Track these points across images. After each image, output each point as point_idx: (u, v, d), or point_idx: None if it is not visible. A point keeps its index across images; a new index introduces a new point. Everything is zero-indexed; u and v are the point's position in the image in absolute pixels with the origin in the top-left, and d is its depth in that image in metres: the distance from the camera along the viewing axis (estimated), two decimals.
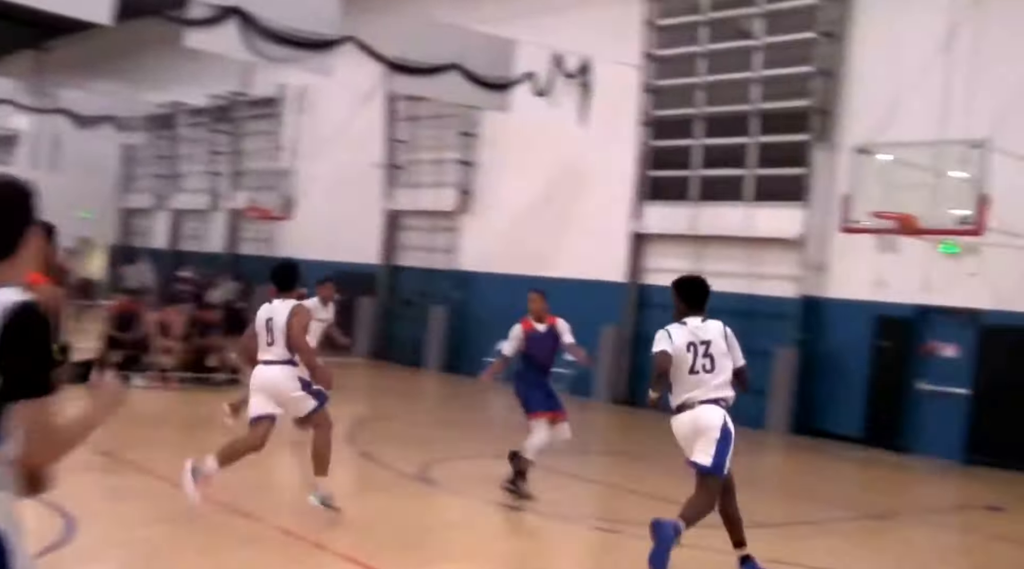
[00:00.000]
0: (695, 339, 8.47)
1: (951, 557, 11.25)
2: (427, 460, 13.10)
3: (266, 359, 9.35)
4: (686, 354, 8.40)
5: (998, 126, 15.15)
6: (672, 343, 8.41)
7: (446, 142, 27.90)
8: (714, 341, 8.52)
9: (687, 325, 8.57)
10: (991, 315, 17.91)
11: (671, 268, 22.48)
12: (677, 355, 8.39)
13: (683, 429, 8.44)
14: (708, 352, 8.45)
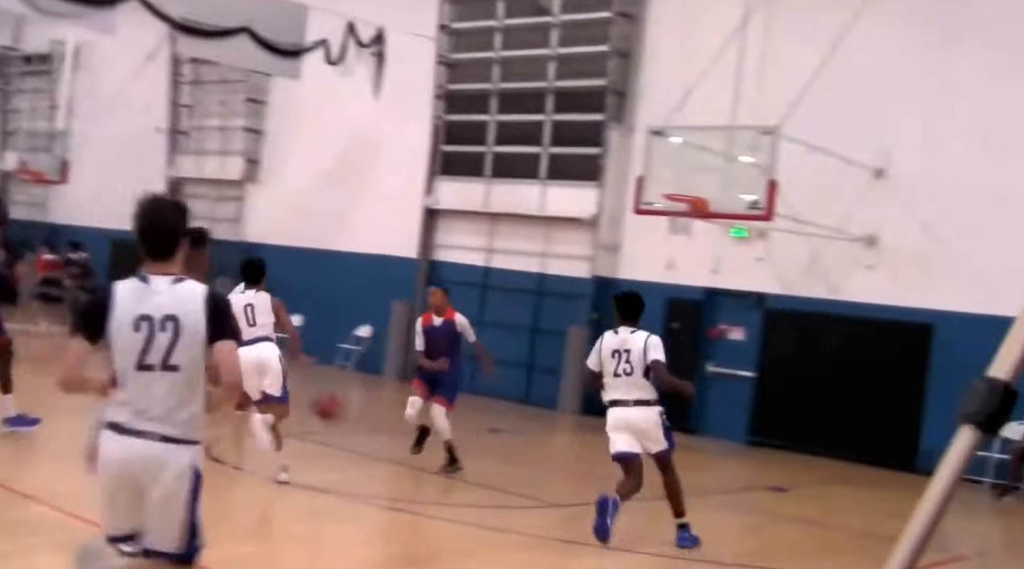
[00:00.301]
0: (620, 347, 9.79)
1: (737, 537, 11.40)
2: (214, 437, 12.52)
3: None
4: (611, 359, 9.79)
5: (788, 114, 15.41)
6: (599, 352, 9.94)
7: (233, 108, 27.06)
8: (634, 350, 9.77)
9: (619, 334, 9.92)
10: (777, 299, 18.35)
11: (463, 244, 22.39)
12: (604, 360, 9.86)
13: (623, 422, 9.77)
14: (629, 359, 9.74)
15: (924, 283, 16.96)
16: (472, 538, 9.47)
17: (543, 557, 9.21)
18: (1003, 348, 1.79)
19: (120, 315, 4.79)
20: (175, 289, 4.85)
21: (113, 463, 4.78)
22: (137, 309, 4.79)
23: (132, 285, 4.87)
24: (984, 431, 1.78)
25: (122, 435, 4.76)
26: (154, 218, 4.96)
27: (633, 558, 9.35)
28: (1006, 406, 1.79)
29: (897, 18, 17.48)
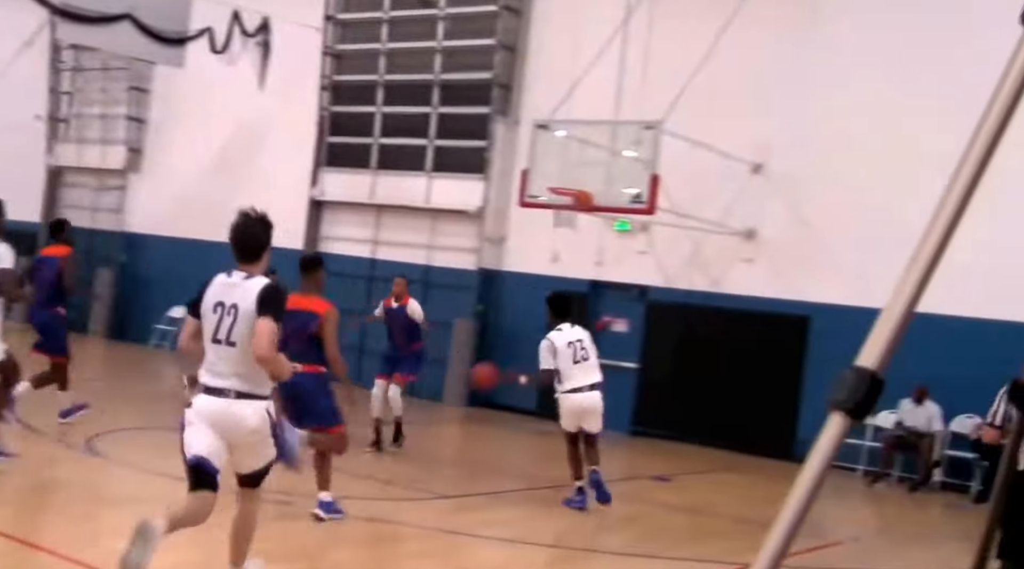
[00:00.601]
0: (572, 339, 11.22)
1: (620, 525, 11.56)
2: (93, 431, 12.35)
3: None
4: (568, 349, 11.12)
5: (669, 109, 15.68)
6: (555, 349, 11.11)
7: (116, 97, 26.55)
8: (583, 338, 11.33)
9: (563, 331, 11.27)
10: (659, 292, 18.68)
11: (349, 236, 22.34)
12: (561, 353, 11.11)
13: (579, 407, 11.19)
14: (583, 347, 11.25)
15: (801, 276, 17.43)
16: (361, 531, 9.49)
17: (433, 549, 9.28)
18: (870, 338, 1.91)
19: (207, 301, 6.41)
20: (245, 283, 6.35)
21: (199, 410, 6.32)
22: (217, 297, 6.37)
23: (221, 279, 6.47)
24: (852, 418, 1.89)
25: (205, 392, 6.34)
26: (243, 231, 6.60)
27: (521, 549, 9.48)
28: (873, 394, 1.89)
29: (772, 17, 17.89)
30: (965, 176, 1.98)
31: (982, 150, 1.99)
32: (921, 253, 1.95)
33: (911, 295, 1.94)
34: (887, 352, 1.90)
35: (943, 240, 1.96)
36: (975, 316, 15.26)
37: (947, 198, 1.97)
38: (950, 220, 1.97)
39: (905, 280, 1.94)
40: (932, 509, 14.77)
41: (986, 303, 15.16)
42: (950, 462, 15.91)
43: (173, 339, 24.25)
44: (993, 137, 1.99)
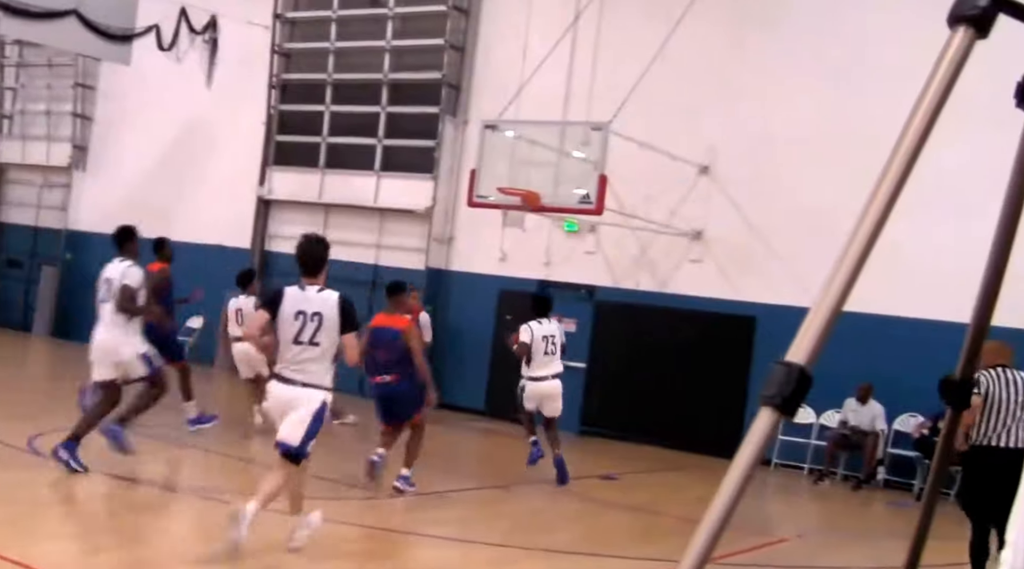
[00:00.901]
0: (547, 333, 13.03)
1: (567, 523, 11.62)
2: (35, 431, 12.21)
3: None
4: (541, 343, 12.94)
5: (617, 110, 15.76)
6: (532, 335, 12.94)
7: (61, 93, 26.26)
8: (556, 334, 13.15)
9: (542, 324, 13.10)
10: (607, 292, 18.76)
11: (297, 235, 22.12)
12: (535, 343, 12.92)
13: (540, 393, 13.03)
14: (554, 342, 13.05)
15: (747, 277, 17.57)
16: None
17: (378, 549, 9.27)
18: (800, 334, 1.93)
19: (287, 309, 7.85)
20: (321, 295, 7.93)
21: (277, 396, 7.95)
22: (297, 306, 7.85)
23: (294, 290, 7.94)
24: (782, 413, 1.90)
25: (281, 382, 7.90)
26: (306, 251, 8.08)
27: (469, 548, 9.49)
28: (802, 389, 1.89)
29: (719, 20, 18.04)
30: (893, 174, 2.02)
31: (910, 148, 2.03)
32: (849, 250, 1.98)
33: (839, 292, 1.96)
34: (816, 348, 1.92)
35: (871, 237, 1.98)
36: (918, 316, 15.45)
37: (874, 196, 2.01)
38: (877, 218, 2.00)
39: (834, 277, 1.97)
40: (875, 506, 14.95)
41: (930, 304, 15.35)
42: (893, 460, 16.11)
43: None
44: (920, 137, 2.02)
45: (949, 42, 2.02)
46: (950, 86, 2.01)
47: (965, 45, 2.02)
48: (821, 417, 16.60)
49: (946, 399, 2.80)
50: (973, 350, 2.79)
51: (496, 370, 19.02)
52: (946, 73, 2.01)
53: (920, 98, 2.02)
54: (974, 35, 2.02)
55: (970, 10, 2.02)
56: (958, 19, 2.03)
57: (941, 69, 2.02)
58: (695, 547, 1.86)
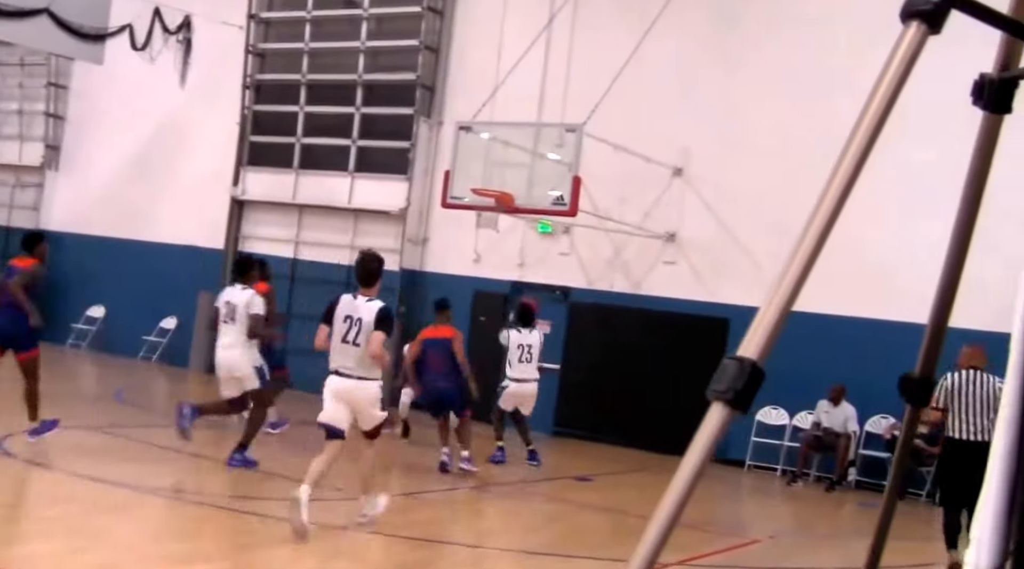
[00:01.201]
0: (523, 341, 14.63)
1: (541, 524, 11.63)
2: (7, 431, 12.14)
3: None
4: (517, 350, 14.55)
5: (592, 112, 15.80)
6: (509, 343, 14.65)
7: (33, 93, 26.10)
8: (534, 344, 14.72)
9: (521, 333, 14.71)
10: (580, 293, 18.79)
11: (271, 236, 22.19)
12: (512, 349, 14.57)
13: (519, 394, 14.69)
14: (530, 351, 14.59)
15: (720, 279, 17.64)
16: (276, 531, 9.44)
17: (349, 548, 9.26)
18: (751, 329, 1.93)
19: (338, 313, 9.34)
20: (367, 304, 9.34)
21: (332, 389, 9.34)
22: (346, 311, 9.32)
23: (348, 299, 9.42)
24: (733, 408, 1.90)
25: (335, 375, 9.34)
26: (362, 265, 9.63)
27: (443, 549, 9.50)
28: (753, 384, 1.89)
29: (693, 23, 18.11)
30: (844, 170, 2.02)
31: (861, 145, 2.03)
32: (801, 247, 1.98)
33: (790, 288, 1.96)
34: (768, 343, 1.92)
35: (822, 234, 1.98)
36: (890, 319, 15.53)
37: (826, 192, 2.01)
38: (829, 214, 2.00)
39: (785, 273, 1.97)
40: (847, 507, 15.02)
41: (902, 306, 15.43)
42: (865, 462, 16.21)
43: (92, 339, 23.96)
44: (872, 133, 2.03)
45: (901, 37, 2.02)
46: (902, 82, 2.01)
47: (917, 41, 2.03)
48: (794, 418, 16.68)
49: (905, 396, 2.83)
50: (932, 348, 2.80)
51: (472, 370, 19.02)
52: (898, 69, 2.02)
53: (872, 94, 2.02)
54: (927, 31, 2.02)
55: (923, 5, 2.02)
56: (911, 14, 2.03)
57: (893, 65, 2.02)
58: (645, 545, 1.85)
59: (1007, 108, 2.40)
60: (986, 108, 2.41)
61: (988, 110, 2.41)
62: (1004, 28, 2.29)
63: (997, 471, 2.51)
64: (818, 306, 16.75)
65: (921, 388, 2.82)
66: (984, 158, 2.51)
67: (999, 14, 2.21)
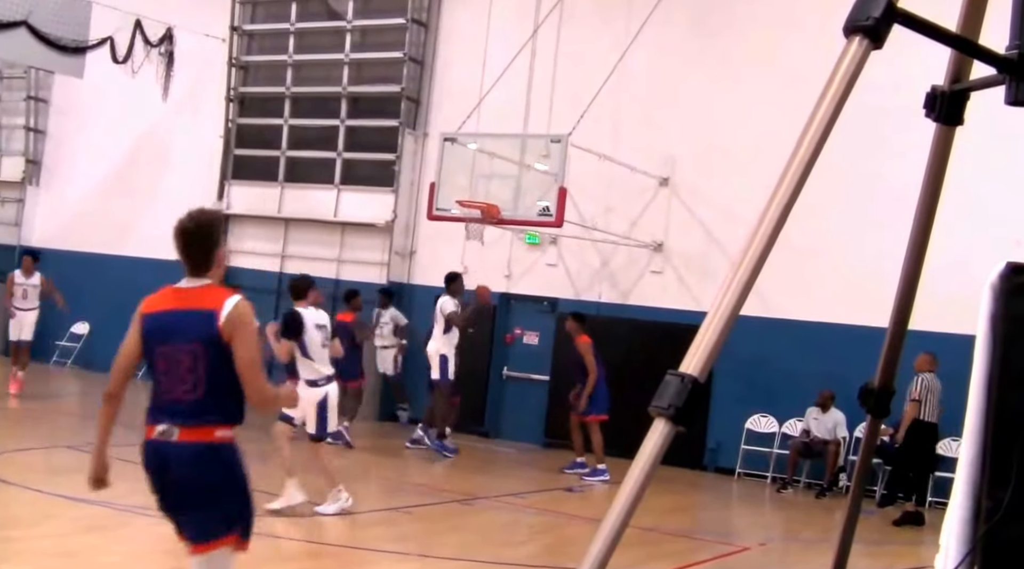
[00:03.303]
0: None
1: (530, 536, 11.62)
2: None
3: None
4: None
5: (577, 123, 15.78)
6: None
7: (12, 106, 25.96)
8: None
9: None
10: (568, 303, 18.73)
11: (257, 250, 22.08)
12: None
13: None
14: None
15: (707, 287, 17.57)
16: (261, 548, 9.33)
17: (334, 565, 9.19)
18: (693, 345, 1.91)
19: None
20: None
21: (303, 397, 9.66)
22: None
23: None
24: (675, 424, 1.89)
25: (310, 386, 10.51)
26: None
27: (430, 563, 9.42)
28: (694, 400, 1.90)
29: (677, 32, 18.11)
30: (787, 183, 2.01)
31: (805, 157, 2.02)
32: (741, 264, 1.95)
33: (732, 304, 1.96)
34: (709, 359, 1.92)
35: (765, 248, 1.97)
36: (877, 325, 15.48)
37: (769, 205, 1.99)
38: (772, 228, 1.99)
39: (726, 290, 1.95)
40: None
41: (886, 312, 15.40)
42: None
43: (77, 356, 23.82)
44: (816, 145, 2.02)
45: (844, 51, 2.03)
46: (846, 95, 2.01)
47: (860, 55, 2.02)
48: (783, 426, 16.63)
49: (866, 407, 2.85)
50: (890, 357, 2.83)
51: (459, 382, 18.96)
52: (841, 82, 2.04)
53: (816, 107, 2.01)
54: (869, 45, 2.03)
55: (864, 21, 2.02)
56: (853, 29, 2.04)
57: (836, 78, 2.04)
58: (592, 555, 1.86)
59: (959, 120, 2.43)
60: (938, 120, 2.45)
61: (940, 122, 2.45)
62: (948, 43, 2.31)
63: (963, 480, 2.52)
64: (804, 314, 16.76)
65: (881, 399, 2.85)
66: (938, 168, 2.56)
67: (943, 30, 2.20)
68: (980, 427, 2.51)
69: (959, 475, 2.59)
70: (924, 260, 2.55)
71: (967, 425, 2.59)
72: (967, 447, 2.56)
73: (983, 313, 2.47)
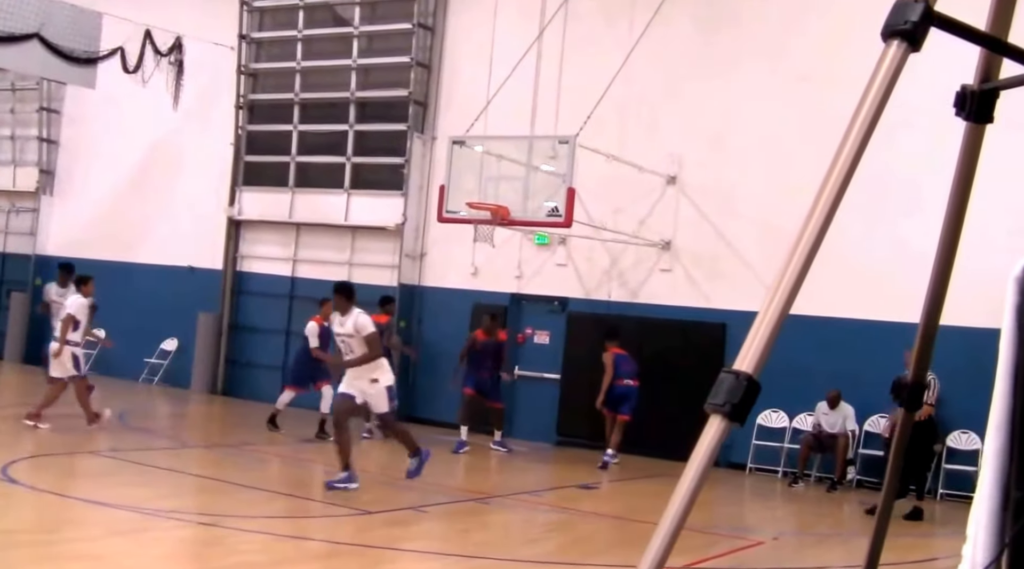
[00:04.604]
0: None
1: (545, 534, 11.70)
2: (10, 457, 12.20)
3: None
4: None
5: (584, 123, 15.91)
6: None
7: (26, 118, 26.21)
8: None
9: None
10: (578, 303, 18.89)
11: (268, 255, 22.29)
12: None
13: None
14: None
15: (716, 284, 17.74)
16: (279, 549, 9.50)
17: (355, 564, 9.30)
18: (746, 343, 1.98)
19: None
20: None
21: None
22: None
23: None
24: (731, 420, 1.95)
25: None
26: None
27: (448, 561, 9.57)
28: (750, 396, 1.95)
29: (684, 31, 18.24)
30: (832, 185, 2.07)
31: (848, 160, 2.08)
32: (792, 260, 2.01)
33: (784, 300, 2.00)
34: (762, 356, 1.96)
35: (813, 247, 2.02)
36: (886, 319, 15.62)
37: (815, 207, 2.05)
38: (819, 228, 2.04)
39: (778, 286, 2.00)
40: (848, 506, 15.11)
41: (894, 307, 15.55)
42: (865, 461, 16.29)
43: (93, 363, 23.97)
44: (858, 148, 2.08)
45: (883, 55, 2.08)
46: (885, 98, 2.06)
47: (899, 58, 2.10)
48: (794, 421, 16.78)
49: (899, 401, 2.84)
50: (923, 352, 2.83)
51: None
52: (881, 85, 2.08)
53: (856, 110, 2.07)
54: (908, 49, 2.08)
55: (902, 25, 2.09)
56: (892, 33, 2.10)
57: (876, 81, 2.08)
58: (651, 553, 1.90)
59: (988, 118, 2.47)
60: (968, 118, 2.48)
61: (970, 121, 2.48)
62: (981, 44, 2.36)
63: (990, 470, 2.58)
64: (813, 309, 16.86)
65: (915, 393, 2.83)
66: (968, 166, 2.57)
67: (977, 31, 2.28)
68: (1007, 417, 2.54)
69: (985, 465, 2.61)
70: (955, 255, 2.64)
71: (992, 415, 2.64)
72: (993, 438, 2.59)
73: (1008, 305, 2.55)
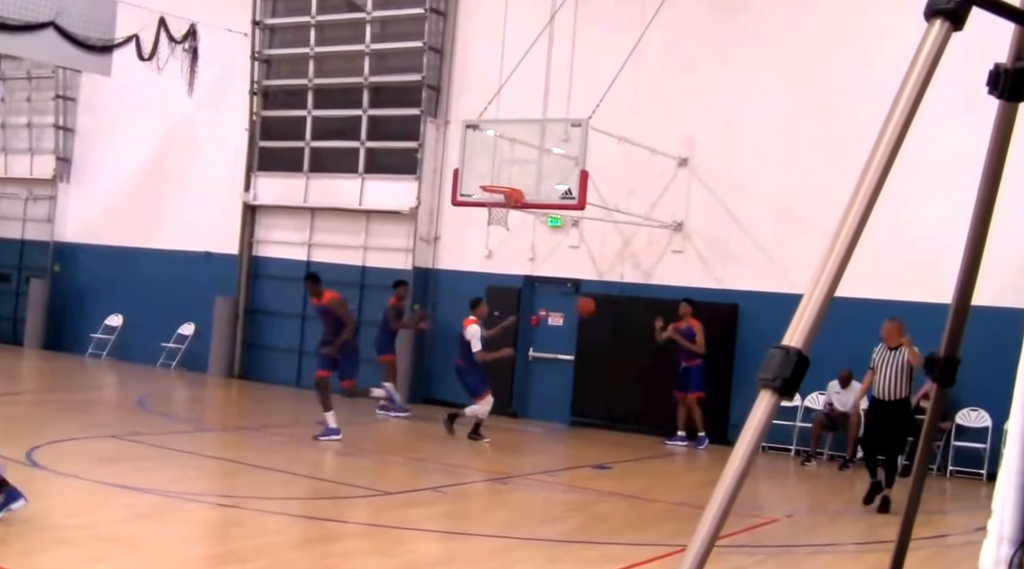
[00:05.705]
0: None
1: (562, 513, 11.84)
2: (33, 442, 12.38)
3: None
4: None
5: (596, 106, 16.02)
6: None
7: (42, 106, 26.39)
8: None
9: None
10: (591, 285, 19.02)
11: (284, 240, 22.46)
12: None
13: None
14: None
15: (728, 265, 17.87)
16: (300, 530, 9.66)
17: (375, 546, 9.44)
18: (795, 319, 2.05)
19: None
20: None
21: None
22: None
23: None
24: (780, 395, 2.02)
25: None
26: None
27: (469, 540, 9.73)
28: (799, 372, 1.99)
29: (696, 13, 18.31)
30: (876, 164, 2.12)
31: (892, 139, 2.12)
32: (839, 238, 2.08)
33: (831, 278, 2.06)
34: (811, 332, 2.02)
35: (859, 225, 2.08)
36: (898, 299, 15.73)
37: (860, 185, 2.10)
38: (864, 207, 2.10)
39: (825, 264, 2.07)
40: (860, 484, 15.20)
41: (909, 286, 15.66)
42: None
43: (111, 347, 24.25)
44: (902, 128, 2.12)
45: (926, 35, 2.07)
46: (928, 78, 2.07)
47: (941, 37, 2.08)
48: (806, 399, 16.91)
49: (931, 376, 2.91)
50: (955, 328, 2.87)
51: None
52: (924, 65, 2.08)
53: (900, 90, 2.09)
54: (950, 28, 2.08)
55: (945, 3, 2.08)
56: (934, 12, 2.09)
57: (919, 61, 2.10)
58: (704, 527, 1.97)
59: (1022, 97, 2.52)
60: (1001, 97, 2.53)
61: (1004, 99, 2.53)
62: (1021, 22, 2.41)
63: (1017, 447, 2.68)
64: None
65: (947, 368, 2.88)
66: (1001, 144, 2.61)
67: (1018, 9, 2.34)
68: None
69: (1011, 443, 2.66)
70: (987, 234, 2.70)
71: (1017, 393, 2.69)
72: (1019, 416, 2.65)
73: None
